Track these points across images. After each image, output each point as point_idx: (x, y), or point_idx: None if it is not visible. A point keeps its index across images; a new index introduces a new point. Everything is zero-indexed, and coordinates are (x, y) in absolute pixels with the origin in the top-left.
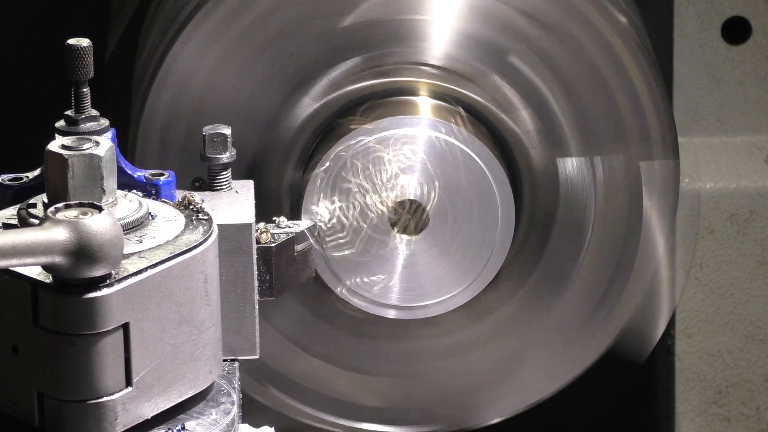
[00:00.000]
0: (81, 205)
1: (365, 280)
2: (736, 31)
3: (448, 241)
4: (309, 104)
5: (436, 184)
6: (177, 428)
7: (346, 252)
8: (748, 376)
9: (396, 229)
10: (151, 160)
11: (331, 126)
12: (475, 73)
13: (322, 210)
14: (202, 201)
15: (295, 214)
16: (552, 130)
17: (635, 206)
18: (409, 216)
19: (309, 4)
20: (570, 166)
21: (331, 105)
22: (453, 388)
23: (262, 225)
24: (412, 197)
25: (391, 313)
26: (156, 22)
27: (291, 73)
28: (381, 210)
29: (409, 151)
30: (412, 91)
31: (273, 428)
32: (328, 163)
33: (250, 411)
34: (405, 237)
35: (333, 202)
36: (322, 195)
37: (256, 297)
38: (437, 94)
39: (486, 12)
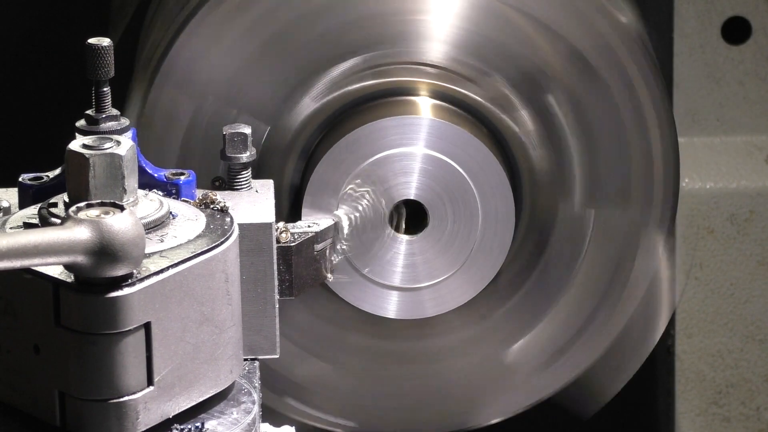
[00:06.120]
0: (102, 204)
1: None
2: (736, 31)
3: (447, 240)
4: (310, 103)
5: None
6: (198, 427)
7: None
8: (748, 376)
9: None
10: (151, 158)
11: (333, 125)
12: (473, 73)
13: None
14: (223, 200)
15: (295, 212)
16: (548, 125)
17: (635, 206)
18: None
19: (310, 3)
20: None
21: (333, 104)
22: (453, 388)
23: (282, 224)
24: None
25: (392, 301)
26: (157, 20)
27: (293, 71)
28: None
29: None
30: (412, 91)
31: (293, 428)
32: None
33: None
34: (405, 236)
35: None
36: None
37: (276, 296)
38: (437, 94)
39: (485, 11)
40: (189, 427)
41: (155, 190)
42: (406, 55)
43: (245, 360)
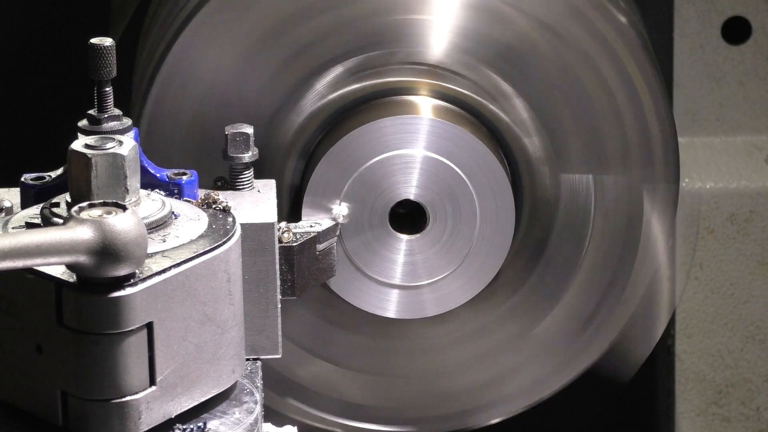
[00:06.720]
0: (105, 204)
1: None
2: (736, 31)
3: (448, 239)
4: (310, 103)
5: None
6: (200, 427)
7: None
8: (748, 376)
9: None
10: (151, 158)
11: (333, 125)
12: (473, 71)
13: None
14: (225, 200)
15: (295, 212)
16: (548, 122)
17: (635, 206)
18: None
19: (310, 2)
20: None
21: (332, 104)
22: (455, 388)
23: (284, 224)
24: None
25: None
26: (157, 20)
27: (293, 71)
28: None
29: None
30: (412, 91)
31: (296, 427)
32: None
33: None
34: (405, 236)
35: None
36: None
37: (279, 296)
38: (437, 94)
39: (485, 11)
40: (191, 427)
41: (157, 190)
42: (405, 55)
43: (247, 360)
